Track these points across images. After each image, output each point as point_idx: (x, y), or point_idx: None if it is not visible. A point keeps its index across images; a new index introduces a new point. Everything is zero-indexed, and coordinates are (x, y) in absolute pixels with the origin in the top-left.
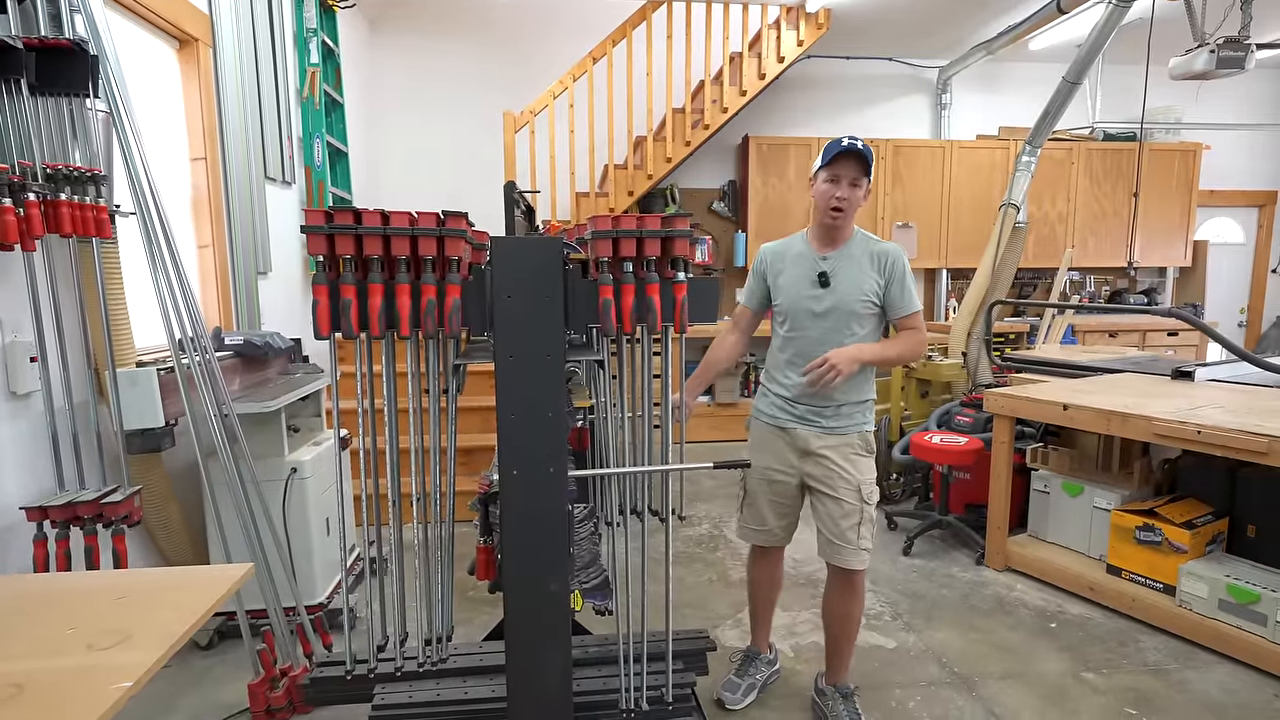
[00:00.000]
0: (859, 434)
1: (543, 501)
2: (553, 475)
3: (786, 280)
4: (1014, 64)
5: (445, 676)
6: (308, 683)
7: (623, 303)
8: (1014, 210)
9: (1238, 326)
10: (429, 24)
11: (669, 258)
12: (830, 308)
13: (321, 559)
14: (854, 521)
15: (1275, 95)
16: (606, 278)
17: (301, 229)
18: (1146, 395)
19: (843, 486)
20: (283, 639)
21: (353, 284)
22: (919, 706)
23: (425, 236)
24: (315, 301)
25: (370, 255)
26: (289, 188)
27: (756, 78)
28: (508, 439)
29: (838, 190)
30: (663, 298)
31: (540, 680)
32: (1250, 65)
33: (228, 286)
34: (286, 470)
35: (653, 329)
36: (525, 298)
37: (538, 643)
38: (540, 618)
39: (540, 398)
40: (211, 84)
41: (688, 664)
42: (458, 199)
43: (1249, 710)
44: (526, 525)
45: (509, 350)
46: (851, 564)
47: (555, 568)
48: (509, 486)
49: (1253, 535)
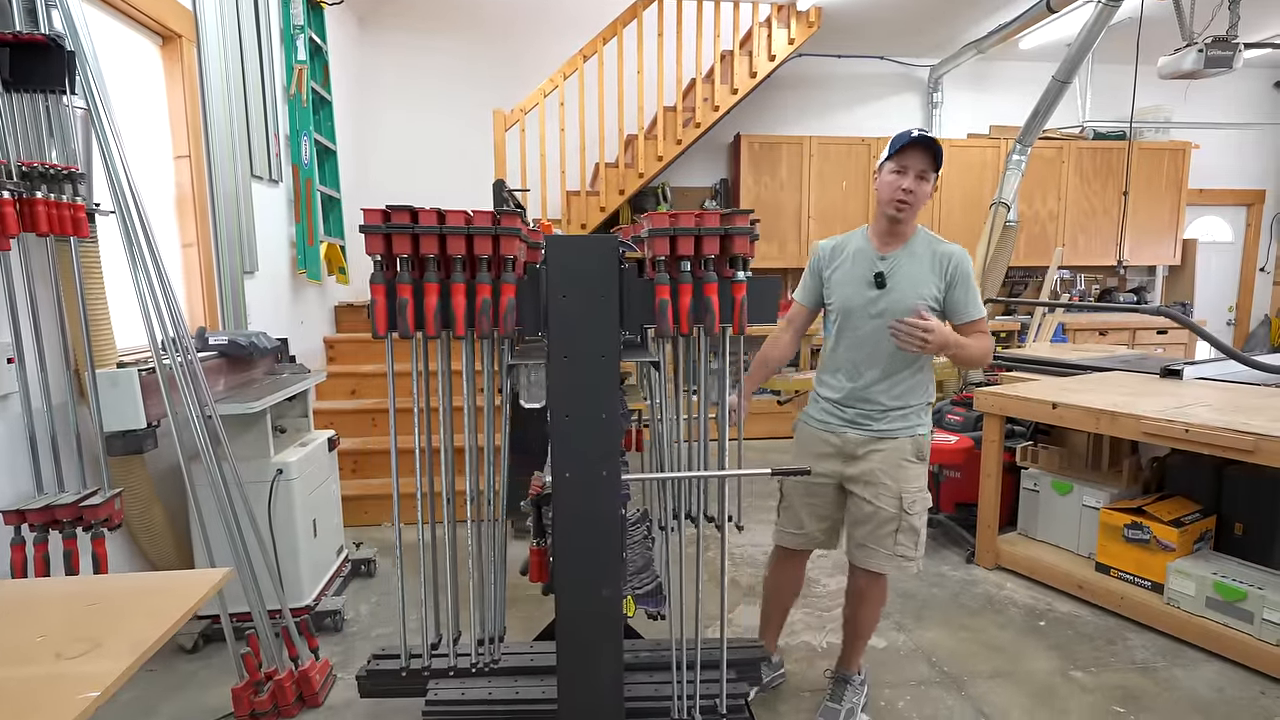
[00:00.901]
0: (911, 439)
1: (596, 505)
2: (606, 478)
3: (841, 277)
4: (1005, 63)
5: (496, 675)
6: (363, 674)
7: (680, 303)
8: (1004, 209)
9: (1226, 325)
10: (419, 21)
11: (727, 256)
12: (885, 309)
13: (308, 561)
14: (890, 529)
15: (1264, 95)
16: (663, 277)
17: (360, 229)
18: (1135, 394)
19: (882, 494)
20: (267, 642)
21: (409, 283)
22: (909, 706)
23: (481, 235)
24: (372, 300)
25: (427, 254)
26: (275, 186)
27: (748, 76)
28: (561, 441)
29: (904, 181)
30: (721, 298)
31: (591, 685)
32: (1238, 65)
33: (213, 286)
34: (272, 471)
35: (710, 330)
36: (580, 297)
37: (589, 647)
38: (592, 622)
39: (594, 399)
40: (196, 81)
41: (740, 673)
42: (448, 197)
43: (1236, 707)
44: (579, 528)
45: (563, 350)
46: (875, 566)
47: (608, 572)
48: (562, 489)
49: (1240, 533)
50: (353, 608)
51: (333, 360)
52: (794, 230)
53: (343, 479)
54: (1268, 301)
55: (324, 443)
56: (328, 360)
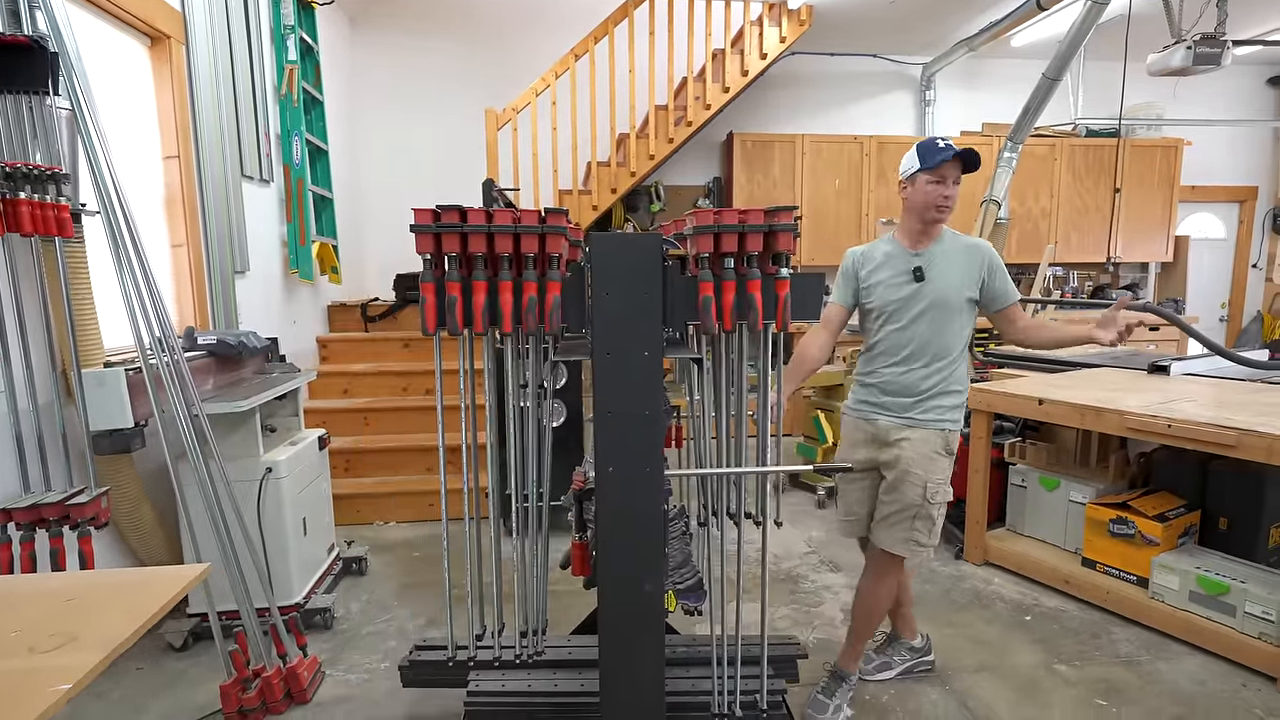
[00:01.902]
0: (941, 433)
1: (638, 500)
2: (649, 474)
3: (880, 279)
4: (997, 60)
5: (536, 668)
6: (406, 664)
7: (723, 300)
8: (995, 206)
9: (1219, 321)
10: (411, 21)
11: (770, 253)
12: (930, 302)
13: (298, 559)
14: (909, 515)
15: (1256, 91)
16: (706, 274)
17: (411, 228)
18: (1122, 389)
19: (909, 481)
20: (255, 640)
21: (458, 281)
22: (893, 700)
23: (528, 234)
24: (422, 299)
25: (474, 253)
26: (267, 186)
27: (739, 74)
28: (605, 436)
29: (945, 190)
30: (764, 294)
31: (633, 679)
32: (1226, 62)
33: (203, 286)
34: (261, 470)
35: (753, 327)
36: (624, 295)
37: (632, 642)
38: (635, 617)
39: (638, 396)
40: (185, 82)
41: (778, 670)
42: (441, 196)
43: (1217, 700)
44: (622, 524)
45: (607, 347)
46: (889, 546)
47: (651, 567)
48: (605, 484)
49: (1224, 527)
50: (343, 605)
51: (325, 359)
52: None
53: (335, 478)
54: (1260, 298)
55: (314, 441)
56: (320, 359)
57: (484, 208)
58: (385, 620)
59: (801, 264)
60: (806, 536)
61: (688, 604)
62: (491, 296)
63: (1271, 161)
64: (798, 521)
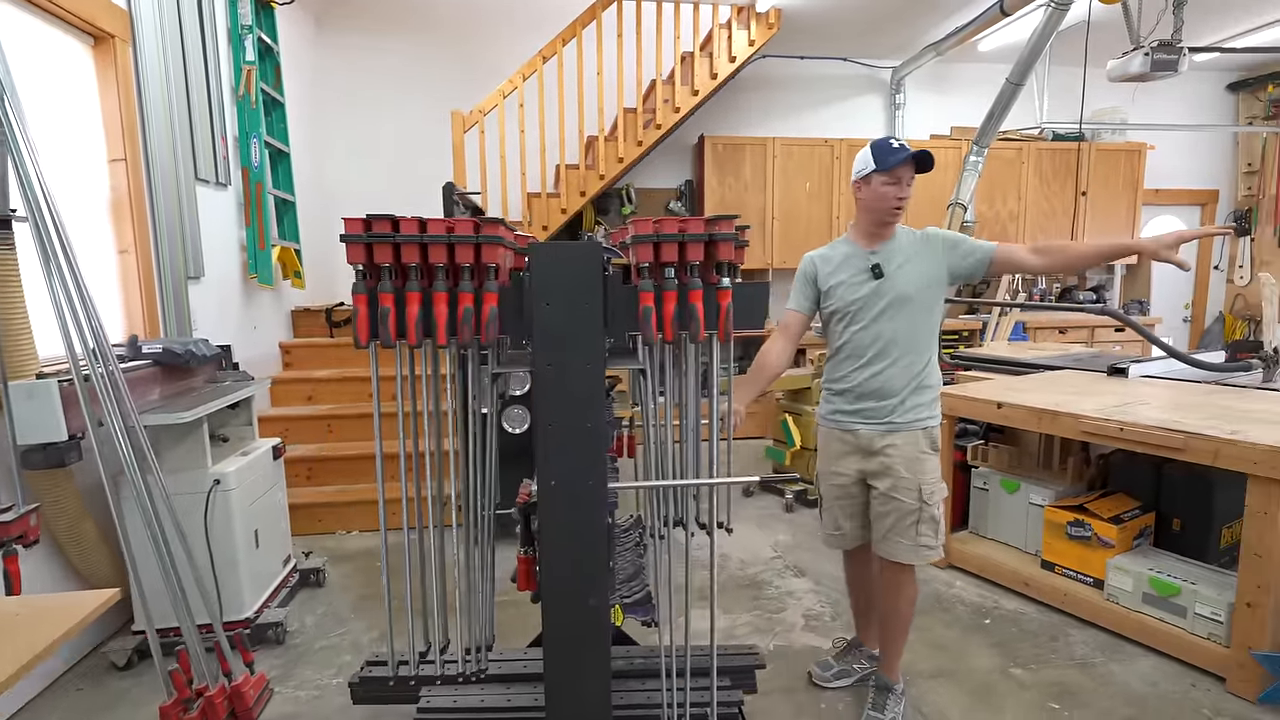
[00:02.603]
0: (924, 431)
1: (582, 514)
2: (592, 487)
3: (839, 279)
4: (964, 65)
5: (490, 682)
6: (356, 681)
7: (664, 310)
8: (961, 209)
9: (1183, 322)
10: (376, 22)
11: (713, 263)
12: (891, 299)
13: (249, 572)
14: (911, 521)
15: (1216, 97)
16: (646, 284)
17: (341, 238)
18: (1080, 392)
19: (901, 487)
20: (198, 658)
21: (391, 292)
22: (848, 708)
23: (463, 243)
24: (355, 310)
25: (408, 264)
26: (224, 189)
27: (708, 78)
28: (546, 450)
29: (900, 191)
30: (706, 304)
31: (579, 695)
32: (1184, 68)
33: (152, 292)
34: (209, 482)
35: (695, 337)
36: (564, 305)
37: (577, 658)
38: (580, 632)
39: (580, 408)
40: (131, 82)
41: (736, 681)
42: (407, 200)
43: (1167, 701)
44: (566, 538)
45: (547, 359)
46: (899, 557)
47: (595, 582)
48: (548, 498)
49: (1178, 529)
50: (297, 619)
51: (289, 365)
52: (759, 232)
53: (296, 486)
54: (1222, 298)
55: (268, 451)
56: (284, 365)
57: (413, 217)
58: (340, 634)
59: (773, 266)
60: (773, 541)
61: (637, 618)
62: (426, 308)
63: (1231, 165)
64: (765, 525)
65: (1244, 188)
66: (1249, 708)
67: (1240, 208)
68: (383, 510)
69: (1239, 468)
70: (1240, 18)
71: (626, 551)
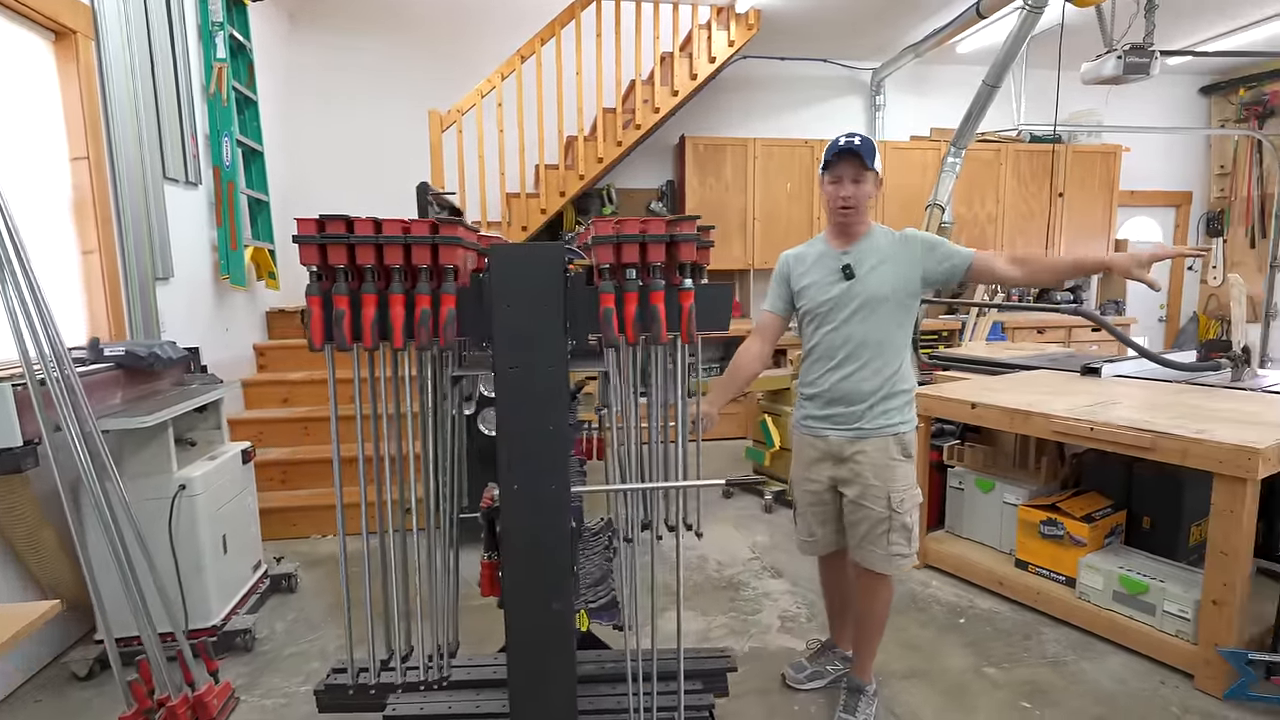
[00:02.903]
0: (895, 437)
1: (545, 518)
2: (555, 491)
3: (812, 280)
4: (943, 66)
5: (458, 688)
6: (322, 689)
7: (625, 311)
8: (939, 210)
9: (1158, 322)
10: (352, 20)
11: (675, 263)
12: (862, 300)
13: (216, 579)
14: (882, 530)
15: (1189, 100)
16: (607, 285)
17: (293, 239)
18: (1053, 392)
19: (871, 494)
20: (159, 668)
21: (346, 294)
22: (821, 710)
23: (419, 244)
24: (308, 312)
25: (363, 265)
26: (194, 189)
27: (688, 78)
28: (508, 454)
29: (841, 190)
30: (668, 305)
31: (543, 701)
32: (1155, 71)
33: (118, 293)
34: (174, 488)
35: (657, 339)
36: (525, 307)
37: (540, 663)
38: (543, 638)
39: (542, 411)
40: (95, 79)
41: (707, 684)
42: (385, 199)
43: (1136, 699)
44: (528, 543)
45: (509, 362)
46: (874, 566)
47: (558, 587)
48: (510, 502)
49: (1147, 527)
50: (267, 625)
51: (264, 368)
52: (739, 232)
53: (271, 490)
54: (1196, 299)
55: (237, 455)
56: (258, 368)
57: (368, 218)
58: (311, 640)
59: (754, 267)
60: (751, 542)
61: (603, 623)
62: (382, 310)
63: (1204, 168)
64: (743, 526)
65: (1216, 190)
66: (1215, 704)
67: (1213, 209)
68: (341, 515)
69: (1205, 466)
70: (1213, 21)
71: (595, 555)
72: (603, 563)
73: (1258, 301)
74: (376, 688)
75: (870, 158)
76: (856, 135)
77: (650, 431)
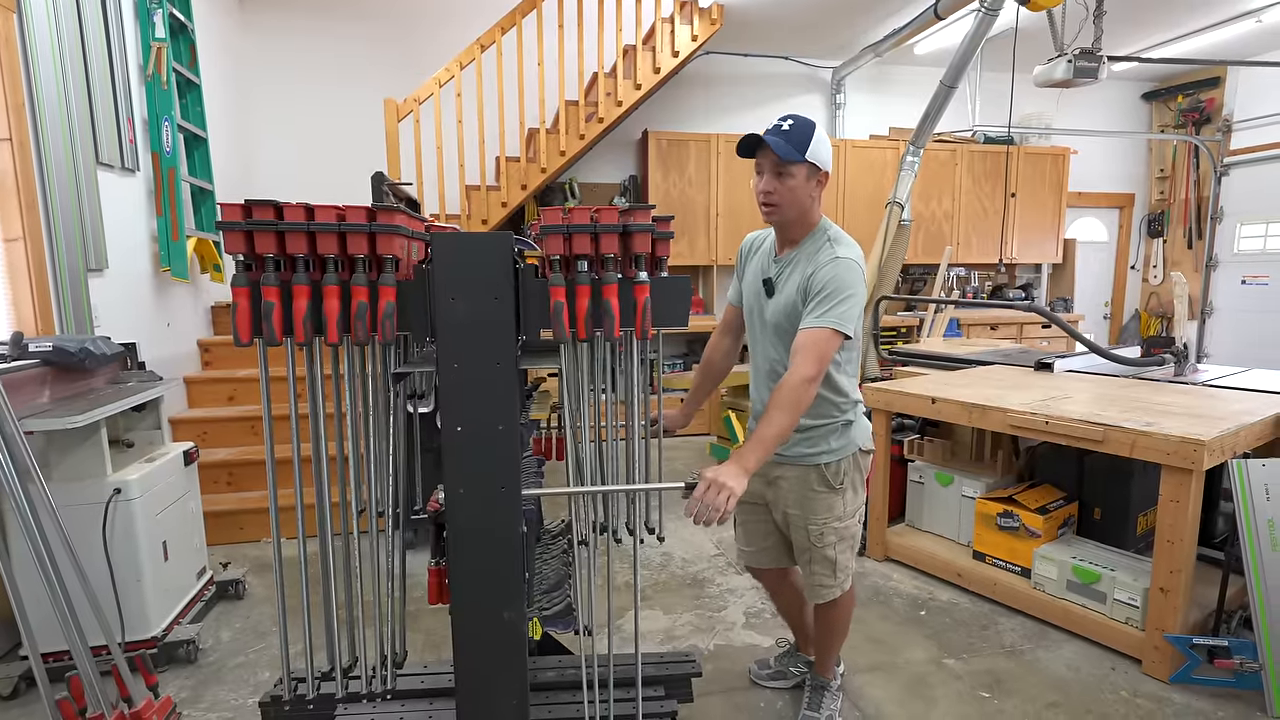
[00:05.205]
0: (816, 468)
1: (494, 522)
2: (505, 494)
3: (747, 279)
4: (902, 67)
5: (410, 698)
6: (268, 700)
7: (577, 305)
8: (899, 208)
9: (1103, 319)
10: (305, 3)
11: (630, 256)
12: (772, 324)
13: (156, 587)
14: (805, 559)
15: (1132, 105)
16: (558, 278)
17: (217, 225)
18: (1009, 387)
19: (792, 523)
20: (91, 683)
21: (275, 285)
22: (787, 706)
23: (355, 234)
24: (234, 304)
25: (295, 254)
26: (131, 175)
27: (651, 72)
28: (454, 455)
29: (761, 184)
30: (622, 300)
31: (493, 712)
32: (1104, 75)
33: (45, 286)
34: (108, 492)
35: (610, 335)
36: (471, 300)
37: (490, 673)
38: (492, 647)
39: (490, 410)
40: (17, 56)
41: (670, 690)
42: (338, 189)
43: (1088, 685)
44: (477, 548)
45: (453, 358)
46: (805, 592)
47: (509, 594)
48: (456, 507)
49: (1098, 517)
50: (212, 634)
51: (208, 364)
52: (703, 228)
53: (217, 492)
54: (1138, 297)
55: (178, 456)
56: (203, 364)
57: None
58: (259, 649)
59: (717, 263)
60: (716, 539)
61: (557, 630)
62: (316, 302)
63: (1145, 171)
64: None
65: (1157, 192)
66: (1163, 687)
67: (1154, 211)
68: (275, 519)
69: (1153, 458)
70: (1156, 30)
71: (553, 559)
72: (560, 567)
73: (1194, 300)
74: (315, 701)
75: (799, 147)
76: (789, 119)
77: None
